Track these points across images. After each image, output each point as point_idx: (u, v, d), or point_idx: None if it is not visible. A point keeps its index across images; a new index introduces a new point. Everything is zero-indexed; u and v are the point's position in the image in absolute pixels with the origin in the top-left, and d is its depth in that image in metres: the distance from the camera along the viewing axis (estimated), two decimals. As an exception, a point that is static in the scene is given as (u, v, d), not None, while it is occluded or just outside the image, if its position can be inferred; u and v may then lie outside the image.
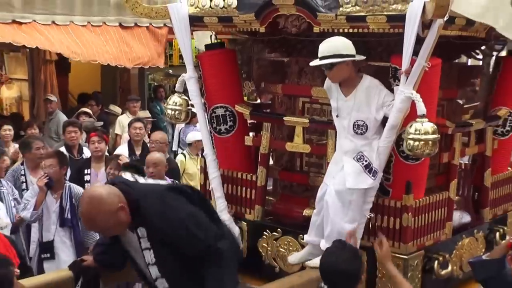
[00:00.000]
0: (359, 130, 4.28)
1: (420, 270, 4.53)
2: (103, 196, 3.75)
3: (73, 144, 8.51)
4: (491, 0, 3.88)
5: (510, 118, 5.35)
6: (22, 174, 7.52)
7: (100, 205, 3.70)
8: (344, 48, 4.17)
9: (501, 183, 5.47)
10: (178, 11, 4.95)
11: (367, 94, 4.28)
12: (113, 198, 3.75)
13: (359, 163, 4.26)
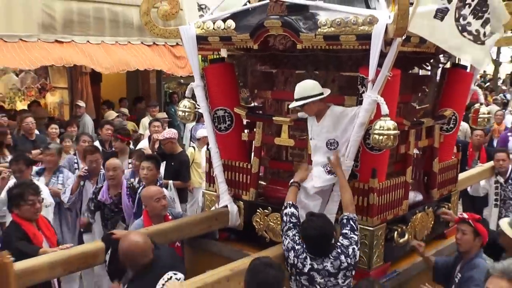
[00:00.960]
0: (332, 146, 4.33)
1: (383, 239, 4.52)
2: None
3: (107, 139, 8.44)
4: (439, 24, 3.82)
5: (453, 117, 5.37)
6: (75, 162, 7.45)
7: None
8: (312, 89, 4.27)
9: (446, 169, 5.47)
10: (187, 32, 4.89)
11: (333, 119, 4.30)
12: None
13: (323, 168, 4.38)
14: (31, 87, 12.46)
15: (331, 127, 4.33)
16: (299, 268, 3.89)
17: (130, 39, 10.88)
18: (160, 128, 8.82)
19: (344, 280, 3.91)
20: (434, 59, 5.33)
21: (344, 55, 4.42)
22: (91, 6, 10.43)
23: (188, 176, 8.00)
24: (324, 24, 4.11)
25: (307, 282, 3.88)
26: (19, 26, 9.32)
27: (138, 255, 3.70)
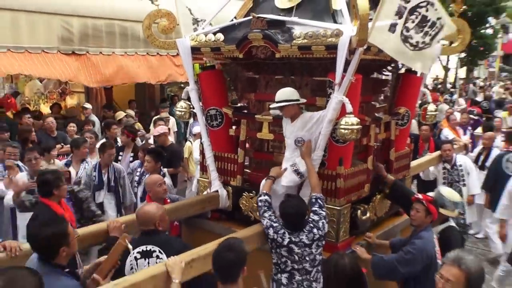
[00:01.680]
0: (299, 144, 4.33)
1: (349, 216, 4.53)
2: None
3: (114, 137, 8.47)
4: (392, 36, 3.83)
5: (406, 114, 5.35)
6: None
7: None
8: (291, 95, 4.29)
9: (401, 157, 5.48)
10: (183, 43, 4.87)
11: (303, 122, 4.33)
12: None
13: (291, 168, 4.39)
14: (53, 91, 12.40)
15: (301, 127, 4.34)
16: (278, 242, 3.90)
17: (137, 50, 10.77)
18: (163, 126, 8.77)
19: (316, 249, 3.96)
20: (390, 66, 5.33)
21: (315, 62, 4.41)
22: (103, 22, 10.33)
23: (178, 164, 7.98)
24: (298, 37, 4.11)
25: (287, 253, 3.90)
26: (41, 39, 9.22)
27: (145, 220, 3.87)
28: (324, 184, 4.37)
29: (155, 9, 4.91)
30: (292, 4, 4.54)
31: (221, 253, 3.14)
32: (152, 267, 3.41)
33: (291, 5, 4.54)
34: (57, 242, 3.03)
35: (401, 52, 4.01)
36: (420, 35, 4.00)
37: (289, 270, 3.94)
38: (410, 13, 3.84)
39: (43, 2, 9.30)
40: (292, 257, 3.91)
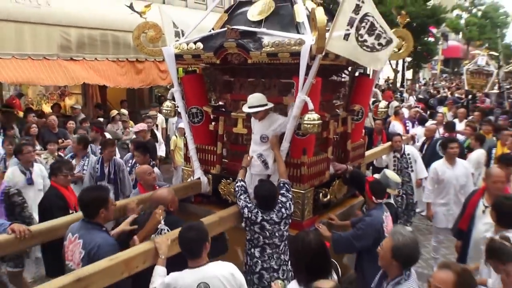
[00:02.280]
0: (263, 140, 4.38)
1: (312, 199, 4.58)
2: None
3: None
4: (346, 43, 3.86)
5: (361, 111, 5.40)
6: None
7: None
8: (261, 101, 4.31)
9: (356, 148, 5.53)
10: (168, 51, 4.84)
11: (269, 122, 4.37)
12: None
13: (258, 158, 4.43)
14: (53, 93, 12.16)
15: (267, 126, 4.38)
16: (252, 220, 3.94)
17: (127, 56, 10.66)
18: (151, 123, 8.70)
19: (284, 226, 4.02)
20: (347, 69, 5.38)
21: (282, 67, 4.42)
22: (98, 32, 10.17)
23: (155, 156, 7.90)
24: (267, 45, 4.13)
25: (259, 229, 3.94)
26: (43, 47, 9.05)
27: (159, 203, 3.85)
28: (290, 171, 4.40)
29: (143, 21, 4.88)
30: (261, 17, 4.56)
31: (183, 233, 3.12)
32: (143, 244, 3.41)
33: (261, 18, 4.56)
34: (98, 204, 3.42)
35: (359, 55, 4.04)
36: (373, 38, 4.02)
37: (261, 244, 3.98)
38: (361, 22, 3.88)
39: (44, 14, 9.12)
40: (264, 233, 3.95)
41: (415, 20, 23.19)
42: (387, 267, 3.01)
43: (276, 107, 4.63)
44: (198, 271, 2.99)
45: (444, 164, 6.32)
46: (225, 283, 2.98)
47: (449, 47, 43.92)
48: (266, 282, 3.92)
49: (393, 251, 2.90)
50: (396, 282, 2.91)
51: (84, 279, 2.79)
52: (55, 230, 3.73)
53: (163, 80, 11.31)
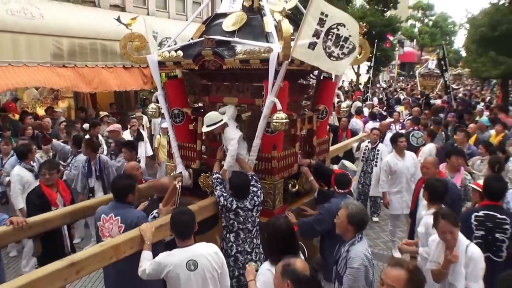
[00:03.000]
0: (226, 150, 4.44)
1: (282, 189, 4.61)
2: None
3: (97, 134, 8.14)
4: (312, 51, 3.92)
5: (325, 110, 5.43)
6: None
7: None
8: (216, 119, 4.41)
9: (321, 143, 5.57)
10: (152, 59, 4.81)
11: (225, 135, 4.45)
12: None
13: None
14: (47, 97, 11.89)
15: (226, 139, 4.47)
16: (228, 207, 4.00)
17: (115, 63, 10.57)
18: (136, 123, 8.61)
19: (256, 213, 4.09)
20: (312, 73, 5.42)
21: (253, 72, 4.44)
22: (88, 41, 10.05)
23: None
24: (239, 53, 4.17)
25: (234, 216, 4.00)
26: (37, 55, 8.92)
27: (160, 188, 4.20)
28: (262, 165, 4.45)
29: (129, 32, 4.86)
30: (235, 28, 4.59)
31: (176, 216, 3.21)
32: (130, 231, 3.42)
33: (234, 28, 4.59)
34: (128, 188, 3.88)
35: (323, 63, 4.09)
36: (338, 48, 4.09)
37: (235, 230, 4.03)
38: (326, 35, 3.94)
39: (38, 25, 9.01)
40: (238, 219, 4.00)
41: (374, 29, 23.56)
42: (344, 232, 3.27)
43: (249, 107, 4.69)
44: (187, 250, 3.09)
45: (395, 156, 6.49)
46: (210, 260, 3.10)
47: (404, 52, 44.60)
48: (241, 264, 3.97)
49: (348, 218, 3.20)
50: (351, 243, 3.20)
51: (77, 264, 2.81)
52: (49, 222, 3.72)
53: (146, 84, 11.22)
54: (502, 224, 3.84)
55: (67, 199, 4.86)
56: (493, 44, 11.98)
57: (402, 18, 28.96)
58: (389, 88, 28.39)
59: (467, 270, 3.27)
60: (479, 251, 3.32)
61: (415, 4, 48.68)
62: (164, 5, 14.63)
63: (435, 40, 45.05)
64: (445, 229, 3.31)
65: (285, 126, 4.03)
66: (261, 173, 4.49)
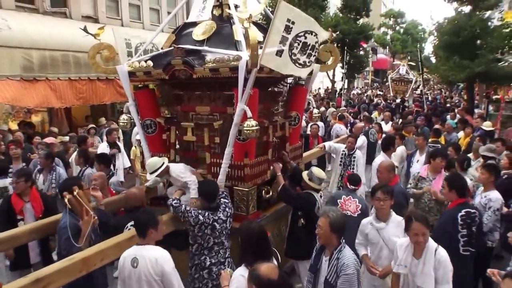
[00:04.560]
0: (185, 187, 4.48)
1: (255, 196, 4.61)
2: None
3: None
4: (280, 59, 3.96)
5: (297, 117, 5.50)
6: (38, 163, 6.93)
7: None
8: (155, 166, 4.43)
9: (294, 149, 5.62)
10: (122, 69, 4.80)
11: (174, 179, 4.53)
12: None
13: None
14: (19, 111, 11.61)
15: (176, 181, 4.53)
16: (207, 223, 3.86)
17: (89, 75, 10.40)
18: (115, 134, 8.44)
19: (229, 224, 4.04)
20: (283, 80, 5.46)
21: (224, 80, 4.43)
22: (59, 54, 9.88)
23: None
24: (209, 61, 4.17)
25: (211, 230, 3.88)
26: (6, 69, 8.70)
27: (136, 199, 4.19)
28: (234, 173, 4.44)
29: (98, 42, 4.81)
30: (205, 37, 4.61)
31: (138, 215, 3.30)
32: (100, 244, 3.36)
33: (204, 37, 4.61)
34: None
35: (290, 70, 4.15)
36: (305, 56, 4.16)
37: (211, 245, 3.93)
38: (293, 43, 3.99)
39: (5, 37, 8.78)
40: (214, 233, 3.90)
41: (348, 36, 24.01)
42: (328, 241, 3.28)
43: (221, 115, 4.69)
44: (138, 248, 3.16)
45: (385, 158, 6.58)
46: (148, 264, 3.08)
47: (378, 59, 45.58)
48: (215, 275, 3.92)
49: (331, 226, 3.21)
50: (338, 250, 3.23)
51: (43, 279, 2.73)
52: (15, 239, 3.63)
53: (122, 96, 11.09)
54: (474, 218, 4.08)
55: (38, 210, 4.78)
56: (457, 49, 12.39)
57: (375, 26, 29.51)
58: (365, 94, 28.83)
59: (437, 273, 3.31)
60: (446, 255, 3.37)
61: (387, 12, 49.80)
62: (138, 16, 14.54)
63: (407, 47, 46.12)
64: (418, 231, 3.35)
65: (256, 134, 4.02)
66: (234, 180, 4.47)
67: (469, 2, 12.85)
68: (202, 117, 4.85)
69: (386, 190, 3.97)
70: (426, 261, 3.35)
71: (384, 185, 4.08)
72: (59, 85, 9.73)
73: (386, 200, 3.93)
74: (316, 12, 20.37)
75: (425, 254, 3.37)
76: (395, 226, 3.92)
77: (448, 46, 12.75)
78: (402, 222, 3.80)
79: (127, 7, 13.81)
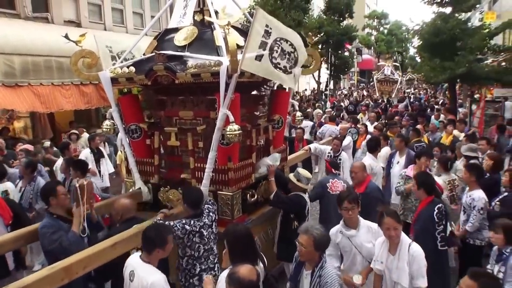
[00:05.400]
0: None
1: (240, 200, 4.63)
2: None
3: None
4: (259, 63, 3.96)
5: (280, 120, 5.54)
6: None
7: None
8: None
9: (279, 152, 5.58)
10: (104, 75, 4.78)
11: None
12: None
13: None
14: (1, 117, 11.47)
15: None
16: (194, 231, 3.83)
17: (72, 80, 10.30)
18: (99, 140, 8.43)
19: (215, 229, 4.04)
20: (265, 84, 5.51)
21: (207, 85, 4.44)
22: (42, 59, 9.79)
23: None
24: (191, 67, 4.20)
25: (199, 238, 3.86)
26: (-14, 75, 8.65)
27: (124, 211, 4.05)
28: (218, 177, 4.46)
29: (80, 49, 4.80)
30: (186, 42, 4.64)
31: (147, 230, 3.22)
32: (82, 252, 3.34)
33: (186, 43, 4.64)
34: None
35: (271, 75, 4.16)
36: (285, 61, 4.19)
37: (202, 253, 3.92)
38: (273, 46, 4.02)
39: (-14, 43, 8.71)
40: (203, 241, 3.88)
41: (332, 38, 24.22)
42: (311, 259, 3.25)
43: (204, 120, 4.71)
44: (139, 263, 3.12)
45: (373, 160, 6.80)
46: (140, 285, 3.03)
47: (363, 60, 45.99)
48: (204, 260, 3.93)
49: (315, 245, 3.18)
50: (320, 266, 3.19)
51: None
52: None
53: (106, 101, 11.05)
54: (442, 212, 4.28)
55: (6, 217, 4.79)
56: (438, 51, 12.61)
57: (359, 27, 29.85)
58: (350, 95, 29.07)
59: (411, 268, 3.40)
60: (420, 250, 3.46)
61: (370, 14, 50.28)
62: (121, 20, 14.47)
63: (391, 47, 46.61)
64: (389, 225, 3.46)
65: (239, 138, 4.06)
66: (218, 185, 4.50)
67: (448, 4, 13.09)
68: (185, 122, 4.86)
69: (352, 198, 3.94)
70: (400, 256, 3.46)
71: (349, 194, 4.02)
72: (42, 91, 9.62)
73: (354, 208, 3.93)
74: (300, 15, 20.52)
75: (399, 250, 3.48)
76: (366, 232, 3.96)
77: (429, 47, 12.95)
78: (372, 227, 3.94)
79: (110, 12, 13.74)
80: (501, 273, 3.54)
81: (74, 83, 10.45)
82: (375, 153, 6.91)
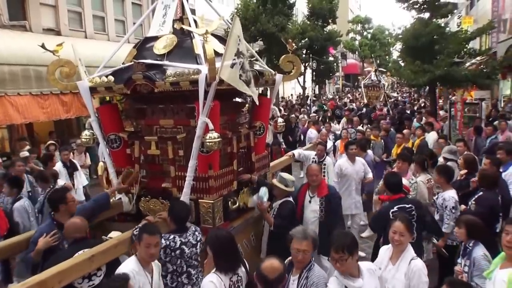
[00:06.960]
0: None
1: (221, 207, 4.63)
2: None
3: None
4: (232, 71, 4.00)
5: (262, 126, 5.55)
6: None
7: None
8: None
9: (261, 159, 5.67)
10: (83, 85, 4.76)
11: None
12: None
13: None
14: (-24, 129, 11.33)
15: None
16: (172, 246, 3.79)
17: (51, 89, 10.22)
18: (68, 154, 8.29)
19: (199, 250, 3.99)
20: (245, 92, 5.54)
21: (187, 93, 4.46)
22: (19, 68, 9.71)
23: None
24: (170, 75, 4.20)
25: (180, 255, 3.82)
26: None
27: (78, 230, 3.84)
28: (199, 185, 4.47)
29: (57, 58, 4.78)
30: (166, 51, 4.64)
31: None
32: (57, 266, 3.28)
33: (165, 51, 4.65)
34: None
35: (239, 84, 4.16)
36: (247, 73, 4.22)
37: (186, 270, 3.89)
38: (238, 56, 4.05)
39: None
40: (184, 258, 3.84)
41: (315, 43, 24.46)
42: (306, 262, 3.30)
43: (185, 128, 4.72)
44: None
45: (347, 161, 7.20)
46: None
47: (348, 64, 46.53)
48: (194, 278, 3.93)
49: (314, 246, 3.32)
50: (308, 268, 3.28)
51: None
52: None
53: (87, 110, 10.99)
54: (410, 212, 4.48)
55: (2, 227, 4.80)
56: (418, 54, 13.02)
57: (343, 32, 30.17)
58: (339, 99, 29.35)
59: (411, 283, 3.39)
60: (422, 266, 3.44)
61: (354, 19, 50.97)
62: (103, 27, 14.43)
63: (375, 52, 47.28)
64: (396, 229, 3.52)
65: (219, 145, 4.08)
66: (199, 193, 4.50)
67: (427, 10, 13.48)
68: (166, 131, 4.87)
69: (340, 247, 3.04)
70: (399, 267, 3.47)
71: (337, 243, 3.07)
72: (20, 101, 9.52)
73: (343, 259, 3.04)
74: (283, 21, 20.69)
75: (400, 261, 3.49)
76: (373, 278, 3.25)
77: (410, 50, 13.34)
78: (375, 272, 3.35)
79: (91, 19, 13.68)
80: (467, 267, 3.69)
81: (54, 93, 10.38)
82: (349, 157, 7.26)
